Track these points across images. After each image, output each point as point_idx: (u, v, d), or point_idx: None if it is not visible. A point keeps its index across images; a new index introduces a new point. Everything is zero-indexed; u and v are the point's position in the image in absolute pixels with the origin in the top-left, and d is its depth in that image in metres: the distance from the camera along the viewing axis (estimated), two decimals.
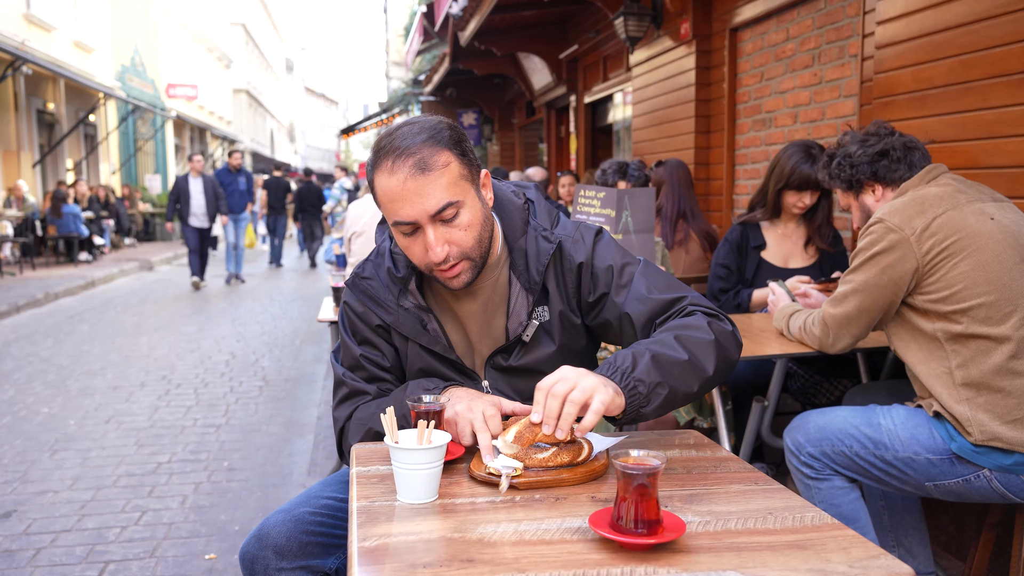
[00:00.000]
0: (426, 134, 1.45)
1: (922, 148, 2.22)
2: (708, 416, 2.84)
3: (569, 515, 1.22)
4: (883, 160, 2.21)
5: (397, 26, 25.86)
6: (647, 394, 1.35)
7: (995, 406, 1.91)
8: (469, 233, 1.49)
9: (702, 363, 1.41)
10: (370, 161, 1.50)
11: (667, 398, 1.37)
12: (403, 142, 1.44)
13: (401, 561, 1.08)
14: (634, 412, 1.35)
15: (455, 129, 1.50)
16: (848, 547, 1.11)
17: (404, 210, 1.45)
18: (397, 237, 1.52)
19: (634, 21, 5.46)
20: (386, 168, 1.44)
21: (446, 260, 1.48)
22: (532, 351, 1.60)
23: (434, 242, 1.46)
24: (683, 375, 1.39)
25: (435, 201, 1.44)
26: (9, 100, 13.95)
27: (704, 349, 1.43)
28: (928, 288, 2.00)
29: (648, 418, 1.39)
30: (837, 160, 2.31)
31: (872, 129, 2.28)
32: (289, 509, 1.54)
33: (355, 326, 1.65)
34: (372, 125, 19.47)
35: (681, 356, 1.39)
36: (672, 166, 3.80)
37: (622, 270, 1.58)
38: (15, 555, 3.03)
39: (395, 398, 1.54)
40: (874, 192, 2.26)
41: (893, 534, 2.38)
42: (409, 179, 1.42)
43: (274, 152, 44.48)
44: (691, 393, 1.42)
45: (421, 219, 1.45)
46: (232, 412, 5.02)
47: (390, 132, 1.49)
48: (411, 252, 1.51)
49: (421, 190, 1.43)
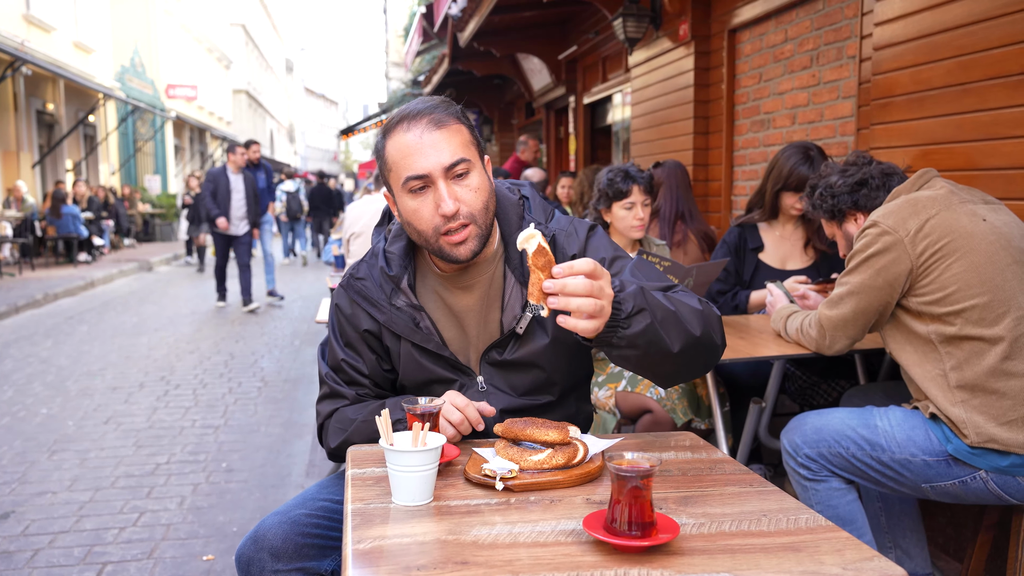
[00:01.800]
0: (437, 102, 1.54)
1: (900, 173, 2.29)
2: (706, 417, 2.85)
3: (563, 517, 1.22)
4: (863, 189, 2.28)
5: (397, 27, 25.88)
6: (630, 314, 1.30)
7: (990, 408, 1.92)
8: (478, 196, 1.52)
9: (687, 322, 1.40)
10: (381, 134, 1.56)
11: (648, 329, 1.32)
12: (416, 107, 1.53)
13: (395, 563, 1.08)
14: (612, 331, 1.30)
15: (463, 109, 1.58)
16: (842, 549, 1.11)
17: (418, 162, 1.49)
18: (405, 202, 1.53)
19: (633, 22, 5.46)
20: (402, 128, 1.51)
21: (456, 217, 1.49)
22: (526, 344, 1.61)
23: (446, 194, 1.48)
24: (666, 320, 1.36)
25: (449, 155, 1.49)
26: (9, 101, 13.96)
27: (691, 313, 1.42)
28: (922, 290, 2.01)
29: (626, 344, 1.32)
30: (819, 191, 2.37)
31: (851, 159, 2.36)
32: (285, 511, 1.55)
33: (343, 328, 1.67)
34: (372, 126, 19.48)
35: (668, 306, 1.38)
36: (670, 167, 3.81)
37: (613, 261, 1.61)
38: (13, 556, 3.03)
39: (373, 415, 1.50)
40: (856, 220, 2.32)
41: (890, 535, 2.38)
42: (425, 133, 1.49)
43: (274, 152, 44.49)
44: (670, 350, 1.36)
45: (435, 171, 1.48)
46: (231, 413, 5.02)
47: (399, 109, 1.56)
48: (419, 215, 1.52)
49: (436, 143, 1.49)
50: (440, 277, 1.65)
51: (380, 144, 1.56)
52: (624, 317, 1.30)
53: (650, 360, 1.39)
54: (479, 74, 10.36)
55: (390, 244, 1.66)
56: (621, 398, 2.89)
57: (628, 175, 3.06)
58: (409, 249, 1.65)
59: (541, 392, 1.65)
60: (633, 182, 3.05)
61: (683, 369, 1.49)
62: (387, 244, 1.66)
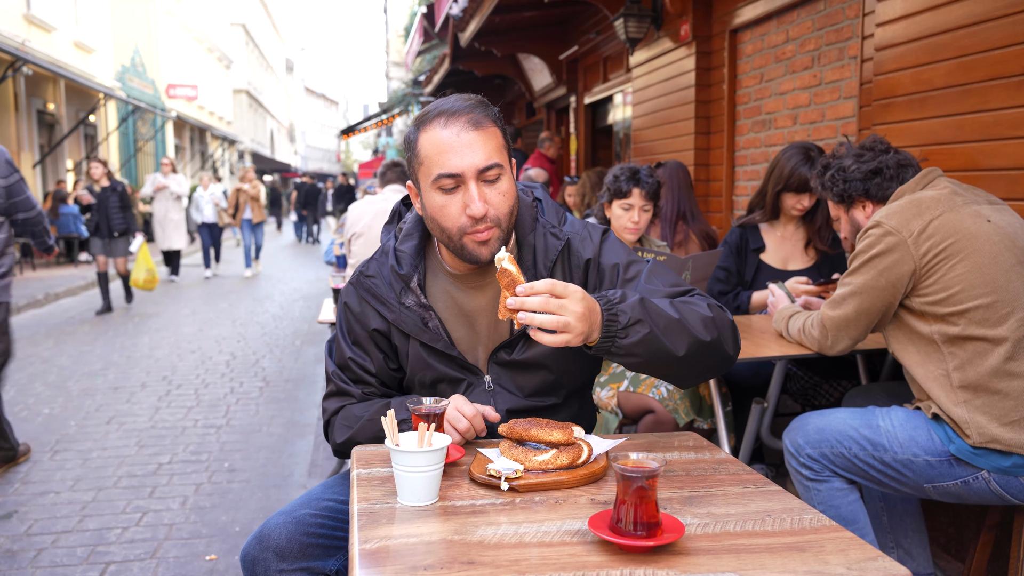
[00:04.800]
0: (476, 102, 1.54)
1: (915, 165, 2.23)
2: (708, 417, 2.85)
3: (569, 517, 1.22)
4: (876, 178, 2.23)
5: (397, 26, 25.87)
6: (626, 325, 1.38)
7: (993, 408, 1.92)
8: (506, 200, 1.53)
9: (693, 328, 1.44)
10: (414, 126, 1.55)
11: (647, 338, 1.39)
12: (455, 104, 1.52)
13: (402, 563, 1.08)
14: (610, 340, 1.38)
15: (499, 112, 1.59)
16: (846, 549, 1.11)
17: (453, 161, 1.48)
18: (433, 198, 1.53)
19: (634, 22, 5.47)
20: (439, 124, 1.51)
21: (483, 220, 1.50)
22: (535, 345, 1.61)
23: (477, 196, 1.48)
24: (669, 328, 1.41)
25: (484, 157, 1.49)
26: (9, 100, 13.95)
27: (699, 320, 1.46)
28: (925, 290, 2.01)
29: (624, 352, 1.39)
30: (831, 172, 2.32)
31: (868, 143, 2.29)
32: (290, 511, 1.55)
33: (351, 327, 1.67)
34: (372, 126, 19.50)
35: (672, 314, 1.43)
36: (672, 167, 3.81)
37: (629, 266, 1.62)
38: (16, 556, 3.04)
39: (379, 413, 1.56)
40: (864, 208, 2.28)
41: (892, 535, 2.39)
42: (463, 131, 1.49)
43: (274, 152, 44.50)
44: (676, 354, 1.42)
45: (468, 172, 1.49)
46: (233, 413, 5.03)
47: (436, 103, 1.55)
48: (446, 212, 1.52)
49: (473, 143, 1.49)
50: (452, 276, 1.65)
51: (412, 135, 1.55)
52: (621, 328, 1.37)
53: (656, 365, 1.44)
54: (480, 74, 10.37)
55: (401, 243, 1.66)
56: (623, 398, 2.90)
57: (633, 176, 3.06)
58: (420, 248, 1.66)
59: (547, 394, 1.65)
60: (636, 185, 3.05)
61: (691, 373, 1.52)
62: (397, 243, 1.66)
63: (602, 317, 1.37)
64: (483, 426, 1.52)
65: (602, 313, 1.38)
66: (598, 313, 1.37)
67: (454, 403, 1.51)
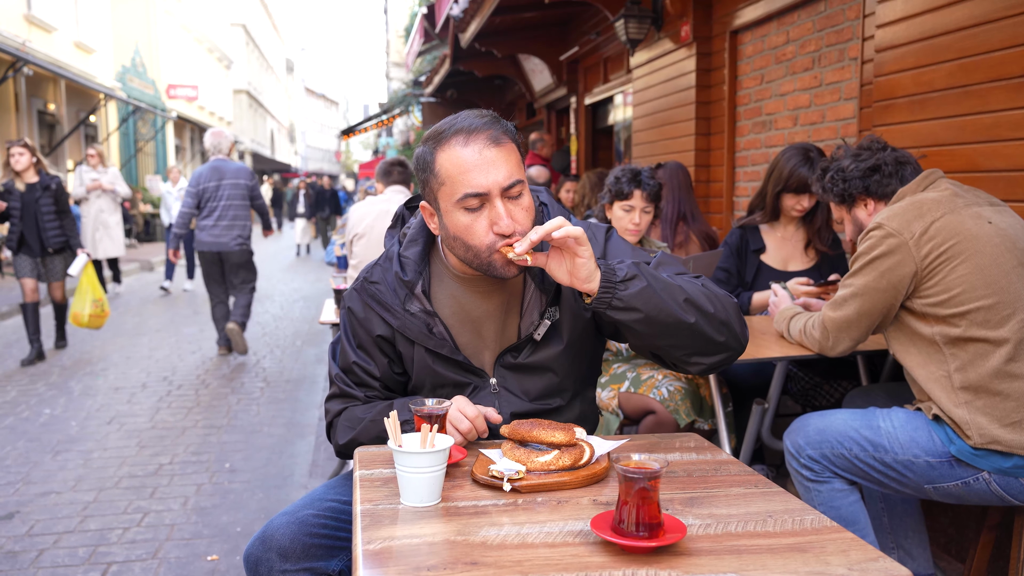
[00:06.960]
0: (491, 118, 1.53)
1: (914, 162, 2.26)
2: (709, 418, 2.85)
3: (571, 518, 1.23)
4: (875, 175, 2.24)
5: (397, 27, 25.85)
6: (624, 278, 1.41)
7: (994, 409, 1.93)
8: (528, 215, 1.53)
9: (694, 296, 1.46)
10: (431, 144, 1.52)
11: (645, 292, 1.41)
12: (472, 122, 1.50)
13: (405, 564, 1.09)
14: (610, 292, 1.40)
15: (515, 127, 1.59)
16: (847, 550, 1.12)
17: (477, 179, 1.47)
18: (457, 218, 1.51)
19: (635, 23, 5.47)
20: (458, 142, 1.49)
21: (512, 235, 1.49)
22: (542, 349, 1.62)
23: (504, 213, 1.48)
24: (668, 290, 1.44)
25: (507, 174, 1.48)
26: (10, 101, 13.96)
27: (699, 291, 1.48)
28: (927, 292, 2.01)
29: (624, 305, 1.41)
30: (831, 174, 2.34)
31: (865, 143, 2.31)
32: (293, 511, 1.56)
33: (355, 331, 1.68)
34: (372, 126, 19.49)
35: (670, 280, 1.46)
36: (672, 168, 3.81)
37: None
38: (18, 556, 3.04)
39: (382, 414, 1.57)
40: (866, 206, 2.29)
41: (893, 536, 2.39)
42: (485, 148, 1.48)
43: (274, 153, 44.51)
44: (678, 315, 1.44)
45: (493, 190, 1.48)
46: (233, 413, 5.03)
47: (449, 119, 1.54)
48: (473, 231, 1.50)
49: (496, 161, 1.48)
50: (458, 280, 1.65)
51: (428, 155, 1.52)
52: (619, 280, 1.40)
53: (661, 328, 1.45)
54: (480, 75, 10.37)
55: (405, 248, 1.65)
56: (624, 399, 2.90)
57: (635, 178, 3.06)
58: (424, 253, 1.66)
59: (552, 396, 1.66)
60: (637, 186, 3.05)
61: (701, 345, 1.50)
62: (402, 248, 1.66)
63: (600, 271, 1.41)
64: (485, 427, 1.53)
65: (600, 269, 1.41)
66: (598, 270, 1.42)
67: (456, 404, 1.51)
